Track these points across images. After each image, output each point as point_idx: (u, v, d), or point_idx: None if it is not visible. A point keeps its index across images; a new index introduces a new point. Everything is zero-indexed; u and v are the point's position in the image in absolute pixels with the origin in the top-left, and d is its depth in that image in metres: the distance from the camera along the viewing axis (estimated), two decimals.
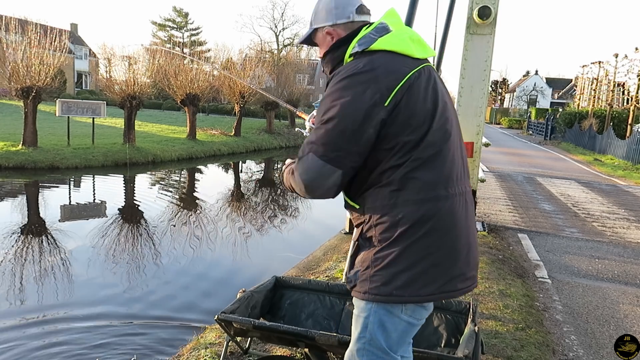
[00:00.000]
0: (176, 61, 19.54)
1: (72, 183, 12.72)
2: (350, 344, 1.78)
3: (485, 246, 6.00)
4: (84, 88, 44.70)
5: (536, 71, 68.25)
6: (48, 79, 14.12)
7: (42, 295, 5.42)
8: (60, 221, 8.78)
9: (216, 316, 2.70)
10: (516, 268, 5.44)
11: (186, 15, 58.83)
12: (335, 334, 2.52)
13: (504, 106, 68.13)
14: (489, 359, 3.26)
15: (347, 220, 6.64)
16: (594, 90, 28.70)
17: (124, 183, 13.34)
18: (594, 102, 28.40)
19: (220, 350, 3.08)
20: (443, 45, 6.79)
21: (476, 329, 2.64)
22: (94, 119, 16.51)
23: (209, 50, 44.33)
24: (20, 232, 7.81)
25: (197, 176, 15.72)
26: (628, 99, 24.76)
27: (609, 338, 3.85)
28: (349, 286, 1.76)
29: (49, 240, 7.58)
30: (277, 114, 29.04)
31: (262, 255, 7.34)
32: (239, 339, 3.07)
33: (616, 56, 25.75)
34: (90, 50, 45.58)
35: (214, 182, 14.63)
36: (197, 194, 12.47)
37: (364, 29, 1.74)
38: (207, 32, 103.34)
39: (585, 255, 6.25)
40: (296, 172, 1.65)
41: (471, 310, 2.83)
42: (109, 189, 12.40)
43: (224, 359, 2.95)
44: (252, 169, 18.71)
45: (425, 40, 1.81)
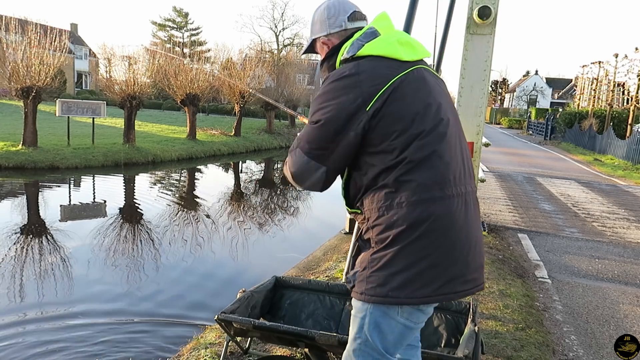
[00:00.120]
0: (176, 61, 19.53)
1: (72, 183, 12.72)
2: (347, 344, 1.80)
3: (485, 246, 5.98)
4: (84, 88, 44.72)
5: (536, 71, 68.32)
6: (48, 79, 14.12)
7: (42, 294, 5.43)
8: (60, 221, 8.78)
9: (216, 316, 2.70)
10: (516, 268, 5.45)
11: (186, 15, 58.85)
12: (335, 334, 2.52)
13: (504, 106, 68.18)
14: (489, 359, 3.26)
15: (347, 220, 6.65)
16: (594, 90, 28.70)
17: (124, 183, 13.35)
18: (594, 102, 28.41)
19: (220, 350, 3.08)
20: (443, 45, 6.77)
21: (476, 329, 2.64)
22: (94, 119, 16.52)
23: (209, 50, 44.26)
24: (21, 232, 7.81)
25: (197, 176, 15.72)
26: (628, 99, 24.77)
27: (609, 338, 3.85)
28: (348, 286, 1.77)
29: (49, 240, 7.58)
30: (277, 114, 29.06)
31: (262, 255, 7.34)
32: (239, 339, 3.07)
33: (616, 56, 25.78)
34: (90, 50, 45.61)
35: (214, 182, 14.63)
36: (197, 194, 12.46)
37: (355, 34, 1.78)
38: (207, 32, 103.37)
39: (585, 255, 6.25)
40: (288, 163, 1.77)
41: (471, 310, 2.84)
42: (108, 189, 12.40)
43: (224, 359, 2.95)
44: (252, 169, 18.71)
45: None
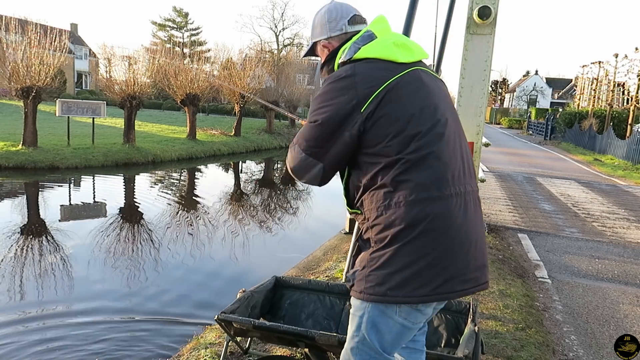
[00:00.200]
0: (176, 61, 19.54)
1: (72, 183, 12.72)
2: (346, 342, 1.81)
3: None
4: (84, 88, 44.70)
5: (536, 71, 68.29)
6: (48, 79, 14.12)
7: (42, 293, 5.43)
8: (60, 221, 8.79)
9: (216, 316, 2.70)
10: (516, 268, 5.44)
11: (186, 15, 58.84)
12: (335, 334, 2.52)
13: (504, 106, 68.16)
14: (489, 359, 3.26)
15: (347, 220, 6.65)
16: (594, 90, 28.70)
17: (124, 183, 13.35)
18: (594, 102, 28.40)
19: (220, 350, 3.08)
20: (443, 46, 6.77)
21: (476, 329, 2.64)
22: (94, 119, 16.52)
23: (209, 50, 44.30)
24: (21, 232, 7.81)
25: (197, 176, 15.72)
26: (628, 99, 24.76)
27: (609, 338, 3.85)
28: (348, 285, 1.79)
29: (49, 240, 7.58)
30: (277, 114, 29.05)
31: (262, 255, 7.35)
32: (239, 339, 3.07)
33: (616, 56, 25.77)
34: (90, 50, 45.59)
35: (214, 182, 14.63)
36: (196, 194, 12.46)
37: (353, 37, 1.81)
38: (207, 32, 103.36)
39: (585, 255, 6.25)
40: (288, 158, 1.83)
41: (471, 310, 2.84)
42: (109, 189, 12.40)
43: (224, 359, 2.95)
44: (252, 169, 18.71)
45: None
